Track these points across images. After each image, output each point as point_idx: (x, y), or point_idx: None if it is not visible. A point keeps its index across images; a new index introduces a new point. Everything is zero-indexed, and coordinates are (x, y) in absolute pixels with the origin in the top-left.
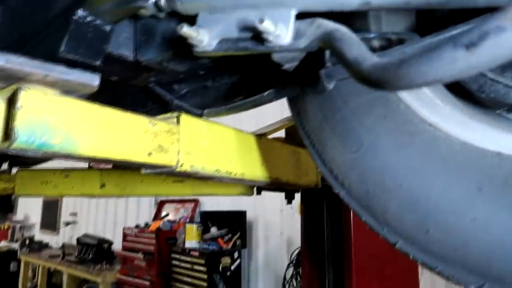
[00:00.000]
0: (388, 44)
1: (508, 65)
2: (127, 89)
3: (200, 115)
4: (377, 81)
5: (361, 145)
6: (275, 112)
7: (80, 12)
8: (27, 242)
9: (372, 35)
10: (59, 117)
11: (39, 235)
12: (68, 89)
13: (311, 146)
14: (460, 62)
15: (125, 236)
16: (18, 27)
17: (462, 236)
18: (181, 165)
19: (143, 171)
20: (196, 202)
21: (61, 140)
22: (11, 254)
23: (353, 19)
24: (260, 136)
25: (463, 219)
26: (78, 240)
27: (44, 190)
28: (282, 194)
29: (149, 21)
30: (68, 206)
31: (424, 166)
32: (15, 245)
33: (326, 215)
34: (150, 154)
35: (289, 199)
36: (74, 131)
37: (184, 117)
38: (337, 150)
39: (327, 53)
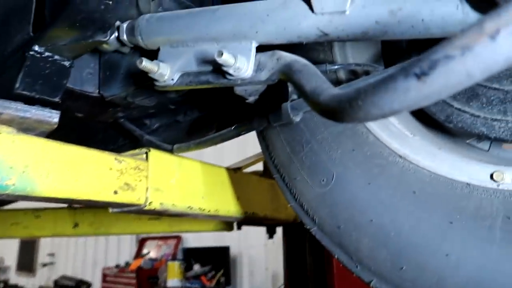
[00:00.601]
0: (354, 75)
1: (474, 95)
2: (97, 125)
3: (170, 151)
4: (335, 113)
5: (330, 179)
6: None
7: (37, 48)
8: (1, 286)
9: (336, 67)
10: (14, 156)
11: (14, 278)
12: (25, 127)
13: (281, 180)
14: (412, 92)
15: (104, 276)
16: None
17: (436, 273)
18: (150, 203)
19: (110, 210)
20: (178, 238)
21: (15, 181)
22: None
23: (318, 50)
24: (235, 170)
25: (436, 255)
26: (55, 282)
27: (14, 232)
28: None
29: (113, 56)
30: (45, 245)
31: (394, 200)
32: None
33: (309, 249)
34: (115, 192)
35: (271, 233)
36: (31, 171)
37: (153, 153)
38: (306, 184)
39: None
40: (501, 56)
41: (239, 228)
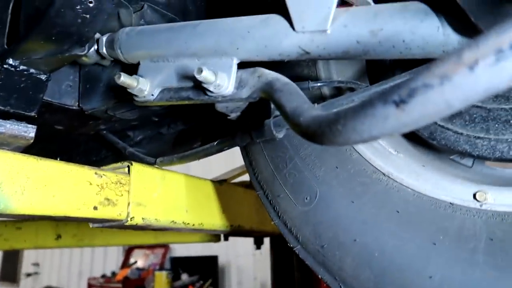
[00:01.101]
0: (339, 90)
1: (457, 113)
2: (78, 137)
3: (153, 164)
4: (314, 136)
5: (314, 197)
6: None
7: (11, 61)
8: None
9: (319, 84)
10: None
11: None
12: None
13: (264, 197)
14: (391, 119)
15: (90, 287)
16: None
17: None
18: (132, 218)
19: (91, 225)
20: (166, 247)
21: None
22: None
23: (302, 65)
24: (221, 182)
25: (420, 277)
26: None
27: None
28: None
29: (94, 69)
30: (30, 255)
31: (378, 219)
32: None
33: (296, 261)
34: (95, 208)
35: (258, 244)
36: (5, 187)
37: (136, 167)
38: (290, 201)
39: None
40: (480, 87)
41: (226, 239)
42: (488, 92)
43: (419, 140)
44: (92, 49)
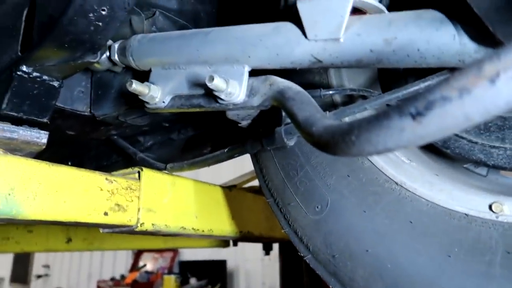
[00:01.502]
0: (350, 98)
1: None
2: (90, 142)
3: (164, 169)
4: (327, 147)
5: (325, 206)
6: None
7: (25, 68)
8: None
9: (330, 92)
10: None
11: None
12: (12, 148)
13: (274, 205)
14: (407, 132)
15: None
16: None
17: None
18: (142, 224)
19: (101, 230)
20: (175, 251)
21: (1, 205)
22: None
23: (313, 73)
24: (230, 188)
25: None
26: None
27: (5, 247)
28: None
29: (105, 75)
30: (40, 257)
31: (390, 230)
32: None
33: (305, 267)
34: (106, 213)
35: (267, 250)
36: (17, 193)
37: (146, 172)
38: (300, 210)
39: None
40: (502, 100)
41: (235, 244)
42: (509, 105)
43: (432, 148)
44: (104, 55)
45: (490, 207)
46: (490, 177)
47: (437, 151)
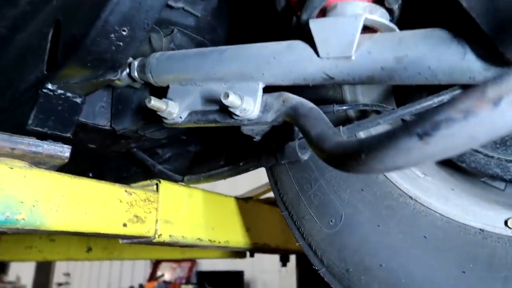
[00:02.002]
0: (364, 112)
1: None
2: (110, 154)
3: (181, 181)
4: (338, 163)
5: (339, 220)
6: None
7: (50, 86)
8: None
9: (344, 107)
10: (25, 190)
11: None
12: (37, 161)
13: (289, 218)
14: (415, 151)
15: None
16: None
17: None
18: (159, 235)
19: (120, 241)
20: (193, 261)
21: (25, 216)
22: None
23: (327, 87)
24: (247, 200)
25: None
26: None
27: (28, 255)
28: None
29: (125, 91)
30: (61, 265)
31: (404, 245)
32: None
33: (322, 278)
34: (125, 225)
35: (284, 261)
36: (41, 205)
37: (164, 184)
38: (315, 224)
39: None
40: (505, 122)
41: (251, 255)
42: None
43: (448, 162)
44: (125, 72)
45: (506, 222)
46: (509, 191)
47: (454, 165)
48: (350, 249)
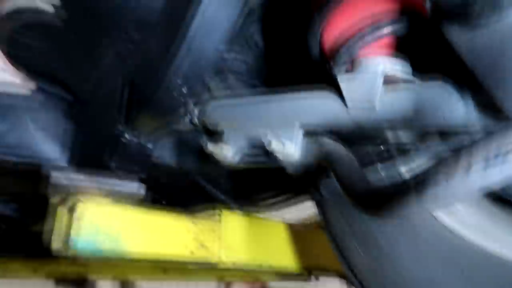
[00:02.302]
0: (403, 152)
1: None
2: (178, 185)
3: (241, 209)
4: (366, 209)
5: (381, 253)
6: None
7: (127, 135)
8: None
9: (382, 148)
10: (109, 224)
11: None
12: (119, 198)
13: (336, 249)
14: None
15: None
16: (83, 147)
17: None
18: (223, 262)
19: (189, 266)
20: (263, 282)
21: (110, 246)
22: None
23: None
24: (305, 226)
25: None
26: None
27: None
28: None
29: (188, 135)
30: (141, 285)
31: (443, 278)
32: None
33: None
34: (192, 252)
35: (349, 284)
36: (122, 236)
37: (226, 214)
38: (359, 256)
39: None
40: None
41: (316, 278)
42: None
43: (490, 193)
44: (187, 119)
45: None
46: None
47: (496, 197)
48: (391, 282)
